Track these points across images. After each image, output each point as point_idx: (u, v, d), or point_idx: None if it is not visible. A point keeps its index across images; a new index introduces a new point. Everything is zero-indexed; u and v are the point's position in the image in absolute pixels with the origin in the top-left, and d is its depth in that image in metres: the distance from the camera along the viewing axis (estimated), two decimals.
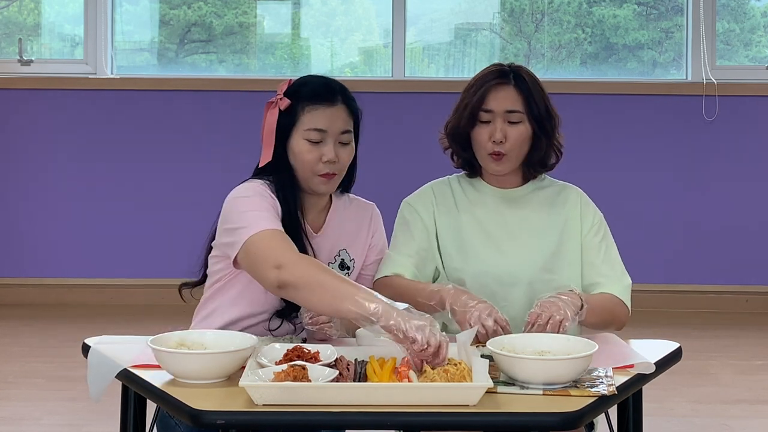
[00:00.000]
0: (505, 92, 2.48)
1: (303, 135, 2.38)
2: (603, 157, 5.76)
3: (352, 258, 2.48)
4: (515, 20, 6.07)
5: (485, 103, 2.47)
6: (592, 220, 2.56)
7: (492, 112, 2.47)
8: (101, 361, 2.12)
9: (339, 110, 2.39)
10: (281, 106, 2.39)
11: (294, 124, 2.39)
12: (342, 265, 2.46)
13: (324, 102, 2.38)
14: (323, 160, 2.36)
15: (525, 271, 2.49)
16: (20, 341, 4.93)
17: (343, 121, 2.40)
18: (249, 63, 6.06)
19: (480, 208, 2.56)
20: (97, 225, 5.77)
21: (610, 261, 2.52)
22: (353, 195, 2.57)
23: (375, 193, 2.71)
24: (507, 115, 2.47)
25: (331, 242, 2.46)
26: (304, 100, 2.38)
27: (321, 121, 2.37)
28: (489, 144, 2.48)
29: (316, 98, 2.38)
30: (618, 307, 2.45)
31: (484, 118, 2.48)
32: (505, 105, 2.47)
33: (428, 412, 1.81)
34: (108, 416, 3.36)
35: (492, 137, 2.46)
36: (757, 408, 3.97)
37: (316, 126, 2.37)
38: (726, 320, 5.50)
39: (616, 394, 1.94)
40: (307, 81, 2.44)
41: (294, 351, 2.03)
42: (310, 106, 2.38)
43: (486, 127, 2.48)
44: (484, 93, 2.48)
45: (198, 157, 5.74)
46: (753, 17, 6.13)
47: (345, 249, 2.48)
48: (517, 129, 2.48)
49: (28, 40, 5.98)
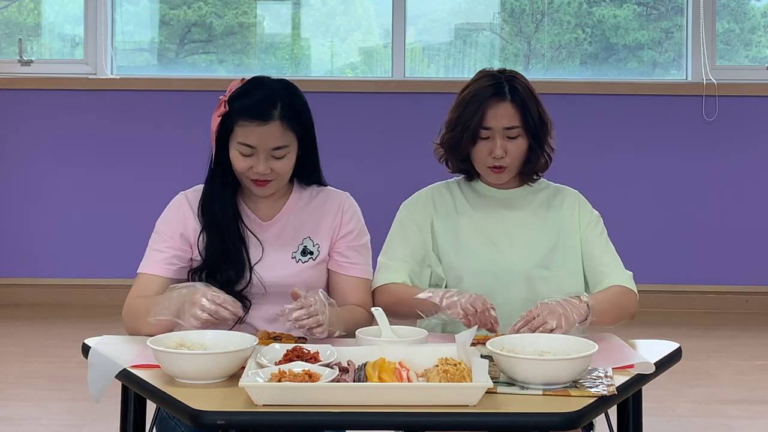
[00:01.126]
0: (503, 109, 2.51)
1: (236, 146, 2.41)
2: (603, 157, 5.76)
3: (316, 243, 2.52)
4: (515, 20, 6.07)
5: (484, 122, 2.50)
6: (590, 217, 2.61)
7: (491, 129, 2.51)
8: (101, 361, 2.12)
9: (272, 128, 2.38)
10: (218, 114, 2.43)
11: (230, 131, 2.42)
12: (304, 251, 2.51)
13: (255, 120, 2.38)
14: (254, 171, 2.41)
15: (521, 267, 2.53)
16: (20, 341, 4.93)
17: (276, 139, 2.39)
18: (249, 63, 6.06)
19: (479, 211, 2.60)
20: (97, 225, 5.77)
21: (612, 252, 2.58)
22: (330, 187, 2.59)
23: (375, 193, 2.72)
24: (506, 132, 2.51)
25: (292, 232, 2.51)
26: (237, 114, 2.40)
27: (251, 138, 2.39)
28: (489, 159, 2.52)
29: (248, 115, 2.38)
30: (627, 299, 2.49)
31: (483, 135, 2.52)
32: (504, 122, 2.51)
33: (428, 412, 1.81)
34: (108, 416, 3.37)
35: (492, 153, 2.51)
36: (757, 408, 3.97)
37: (245, 141, 2.40)
38: (726, 320, 5.50)
39: (616, 394, 1.94)
40: (247, 91, 2.43)
41: (294, 351, 2.04)
42: (242, 121, 2.39)
43: (485, 143, 2.52)
44: (483, 111, 2.50)
45: (198, 158, 5.72)
46: (753, 17, 6.13)
47: (309, 237, 2.52)
48: (515, 143, 2.52)
49: (28, 40, 5.98)
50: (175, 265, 2.48)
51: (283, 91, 2.43)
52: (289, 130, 2.40)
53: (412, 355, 2.04)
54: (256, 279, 2.45)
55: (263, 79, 2.48)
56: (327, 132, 2.78)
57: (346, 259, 2.54)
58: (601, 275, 2.53)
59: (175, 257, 2.48)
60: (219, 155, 2.47)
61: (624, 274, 2.54)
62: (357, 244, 2.55)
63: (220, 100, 2.44)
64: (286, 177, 2.46)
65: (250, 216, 2.50)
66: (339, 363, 2.01)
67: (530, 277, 2.52)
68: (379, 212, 2.84)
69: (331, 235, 2.54)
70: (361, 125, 5.72)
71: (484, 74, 2.58)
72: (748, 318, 5.55)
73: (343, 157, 5.38)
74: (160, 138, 5.78)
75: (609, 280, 2.51)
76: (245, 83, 2.45)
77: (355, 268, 2.54)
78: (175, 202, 2.59)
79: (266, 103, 2.39)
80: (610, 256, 2.56)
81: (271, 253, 2.48)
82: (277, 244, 2.49)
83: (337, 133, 5.31)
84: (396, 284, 2.50)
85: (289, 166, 2.44)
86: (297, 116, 2.42)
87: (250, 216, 2.50)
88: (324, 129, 2.60)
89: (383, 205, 2.65)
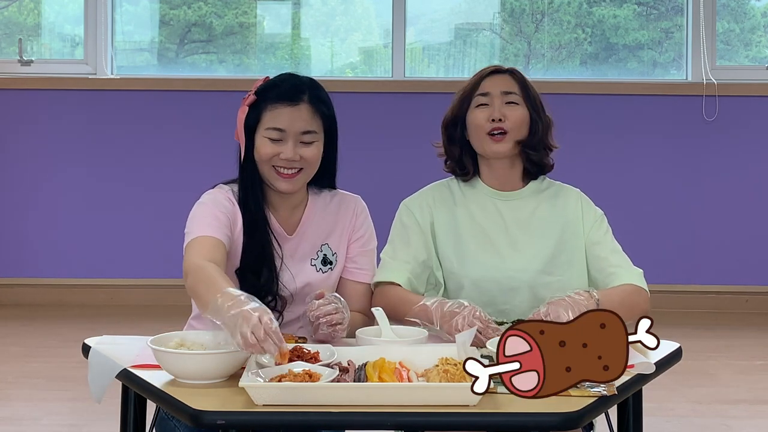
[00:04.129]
0: (501, 78, 2.52)
1: (264, 133, 2.40)
2: (603, 157, 5.76)
3: (335, 252, 2.51)
4: (515, 20, 6.07)
5: (481, 88, 2.50)
6: (593, 217, 2.56)
7: (489, 94, 2.50)
8: (101, 361, 2.12)
9: (301, 110, 2.39)
10: (247, 103, 2.43)
11: (258, 121, 2.42)
12: (324, 260, 2.49)
13: (286, 102, 2.39)
14: (281, 158, 2.39)
15: (524, 275, 2.49)
16: (20, 341, 4.93)
17: (305, 122, 2.40)
18: (249, 63, 6.07)
19: (479, 212, 2.56)
20: (97, 225, 5.77)
21: (619, 251, 2.53)
22: (340, 190, 2.58)
23: (375, 193, 2.72)
24: (504, 96, 2.50)
25: (311, 240, 2.49)
26: (267, 99, 2.41)
27: (281, 120, 2.39)
28: (488, 124, 2.49)
29: (279, 98, 2.40)
30: (638, 296, 2.44)
31: (481, 101, 2.50)
32: (502, 87, 2.50)
33: (428, 412, 1.81)
34: (108, 416, 3.36)
35: (491, 117, 2.48)
36: (757, 408, 3.97)
37: (275, 125, 2.39)
38: (726, 320, 5.50)
39: (616, 394, 1.94)
40: (277, 80, 2.46)
41: (294, 351, 2.04)
42: (272, 105, 2.40)
43: (484, 110, 2.50)
44: (479, 80, 2.51)
45: (198, 158, 5.74)
46: (753, 17, 6.13)
47: (327, 243, 2.51)
48: (515, 109, 2.50)
49: (28, 40, 5.98)
50: (226, 236, 2.37)
51: (310, 82, 2.46)
52: (318, 117, 2.41)
53: (412, 355, 2.04)
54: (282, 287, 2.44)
55: (290, 73, 2.50)
56: None
57: (356, 265, 2.54)
58: (612, 276, 2.47)
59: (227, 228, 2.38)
60: (249, 148, 2.44)
61: (634, 272, 2.48)
62: (367, 249, 2.55)
63: (244, 99, 2.44)
64: (312, 169, 2.44)
65: (275, 227, 2.46)
66: (339, 363, 2.01)
67: (534, 285, 2.48)
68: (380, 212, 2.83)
69: (347, 240, 2.53)
70: (361, 125, 5.71)
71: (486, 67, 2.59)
72: (748, 318, 5.55)
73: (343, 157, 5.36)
74: (160, 138, 5.78)
75: (619, 280, 2.45)
76: (273, 77, 2.48)
77: (362, 273, 2.54)
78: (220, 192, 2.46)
79: (297, 87, 2.42)
80: (618, 256, 2.51)
81: (292, 264, 2.46)
82: (298, 251, 2.47)
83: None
84: (395, 287, 2.48)
85: (317, 157, 2.43)
86: (324, 104, 2.44)
87: (275, 227, 2.46)
88: None
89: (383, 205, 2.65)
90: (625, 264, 2.50)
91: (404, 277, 2.50)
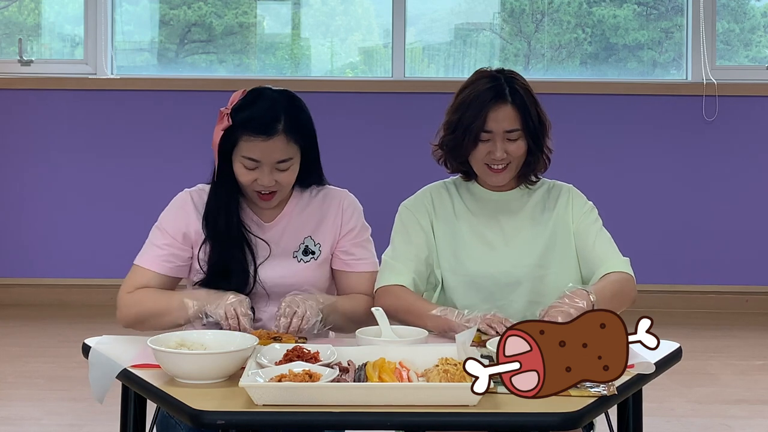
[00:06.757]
0: (504, 112, 2.50)
1: (240, 159, 2.41)
2: (603, 157, 5.76)
3: (318, 243, 2.53)
4: (515, 20, 6.07)
5: (486, 125, 2.49)
6: (582, 208, 2.60)
7: (492, 132, 2.50)
8: (102, 361, 2.12)
9: (276, 142, 2.38)
10: (222, 128, 2.42)
11: (234, 145, 2.41)
12: (306, 251, 2.52)
13: (259, 134, 2.38)
14: (258, 183, 2.41)
15: (519, 270, 2.52)
16: (20, 341, 4.93)
17: (281, 152, 2.39)
18: (249, 63, 6.06)
19: (476, 213, 2.60)
20: (97, 225, 5.77)
21: (605, 238, 2.56)
22: (328, 185, 2.60)
23: (374, 193, 2.72)
24: (506, 134, 2.51)
25: (293, 231, 2.52)
26: (241, 128, 2.39)
27: (255, 152, 2.39)
28: (488, 157, 2.51)
29: (252, 129, 2.38)
30: (627, 285, 2.47)
31: (484, 138, 2.51)
32: (505, 125, 2.50)
33: (428, 412, 1.81)
34: (108, 416, 3.36)
35: (493, 155, 2.50)
36: (757, 408, 3.97)
37: (250, 156, 2.39)
38: (726, 320, 5.50)
39: (616, 394, 1.94)
40: (250, 103, 2.42)
41: (294, 351, 2.04)
42: (246, 135, 2.39)
43: (485, 145, 2.51)
44: (484, 115, 2.49)
45: (198, 158, 5.73)
46: (753, 17, 6.13)
47: (310, 236, 2.53)
48: (516, 144, 2.52)
49: (28, 40, 5.98)
50: (172, 263, 2.49)
51: (286, 103, 2.43)
52: (293, 143, 2.41)
53: (412, 355, 2.04)
54: (259, 285, 2.46)
55: (265, 90, 2.47)
56: (327, 132, 2.78)
57: (353, 256, 2.55)
58: (597, 262, 2.51)
59: (173, 256, 2.49)
60: (222, 168, 2.45)
61: (620, 259, 2.51)
62: (361, 239, 2.57)
63: (221, 112, 2.42)
64: (289, 187, 2.48)
65: (253, 218, 2.51)
66: (339, 363, 2.01)
67: (529, 279, 2.52)
68: (380, 212, 2.83)
69: (333, 234, 2.55)
70: (361, 125, 5.72)
71: (482, 75, 2.56)
72: (748, 318, 5.55)
73: (343, 156, 5.38)
74: (160, 138, 5.78)
75: (605, 267, 2.49)
76: (246, 95, 2.45)
77: (363, 263, 2.56)
78: (179, 199, 2.58)
79: (270, 117, 2.39)
80: (604, 242, 2.54)
81: (274, 254, 2.48)
82: (279, 244, 2.50)
83: (336, 133, 5.31)
84: (400, 288, 2.49)
85: (293, 177, 2.45)
86: (301, 128, 2.43)
87: (253, 218, 2.51)
88: (324, 129, 2.60)
89: (383, 205, 2.65)
90: (611, 251, 2.54)
91: (408, 278, 2.52)
